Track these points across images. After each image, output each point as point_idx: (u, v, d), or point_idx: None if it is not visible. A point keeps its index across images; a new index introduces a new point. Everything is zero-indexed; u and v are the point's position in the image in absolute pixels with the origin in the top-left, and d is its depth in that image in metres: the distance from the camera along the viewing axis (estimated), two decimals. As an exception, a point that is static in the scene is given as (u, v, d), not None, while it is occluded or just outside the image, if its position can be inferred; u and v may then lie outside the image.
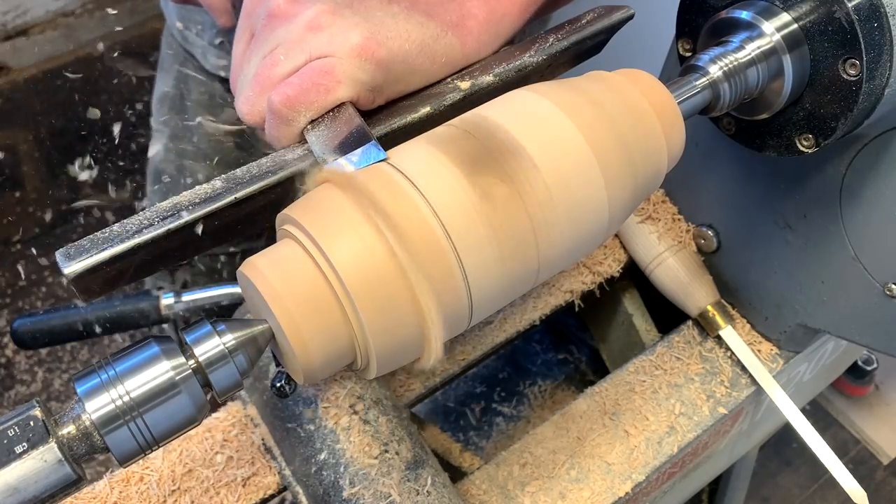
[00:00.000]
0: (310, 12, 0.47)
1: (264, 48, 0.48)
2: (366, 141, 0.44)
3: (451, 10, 0.51)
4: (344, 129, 0.45)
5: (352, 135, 0.45)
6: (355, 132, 0.45)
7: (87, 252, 0.40)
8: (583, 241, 0.45)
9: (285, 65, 0.47)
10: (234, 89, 0.51)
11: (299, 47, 0.47)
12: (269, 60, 0.47)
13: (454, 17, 0.51)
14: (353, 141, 0.44)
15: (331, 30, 0.47)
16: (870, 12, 0.46)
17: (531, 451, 0.67)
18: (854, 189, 0.58)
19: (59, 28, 2.48)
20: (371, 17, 0.48)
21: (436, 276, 0.40)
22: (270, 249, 0.42)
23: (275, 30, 0.48)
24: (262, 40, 0.49)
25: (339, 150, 0.45)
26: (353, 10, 0.48)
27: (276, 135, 0.47)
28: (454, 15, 0.51)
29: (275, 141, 0.48)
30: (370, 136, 0.44)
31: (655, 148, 0.47)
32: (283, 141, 0.47)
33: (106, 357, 0.39)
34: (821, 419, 1.91)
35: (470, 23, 0.52)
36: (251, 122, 0.49)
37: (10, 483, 0.35)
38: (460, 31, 0.51)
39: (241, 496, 0.61)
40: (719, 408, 0.70)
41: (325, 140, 0.45)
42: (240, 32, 0.53)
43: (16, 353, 1.92)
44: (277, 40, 0.48)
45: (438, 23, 0.50)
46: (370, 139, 0.44)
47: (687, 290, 0.73)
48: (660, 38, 0.73)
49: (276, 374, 0.48)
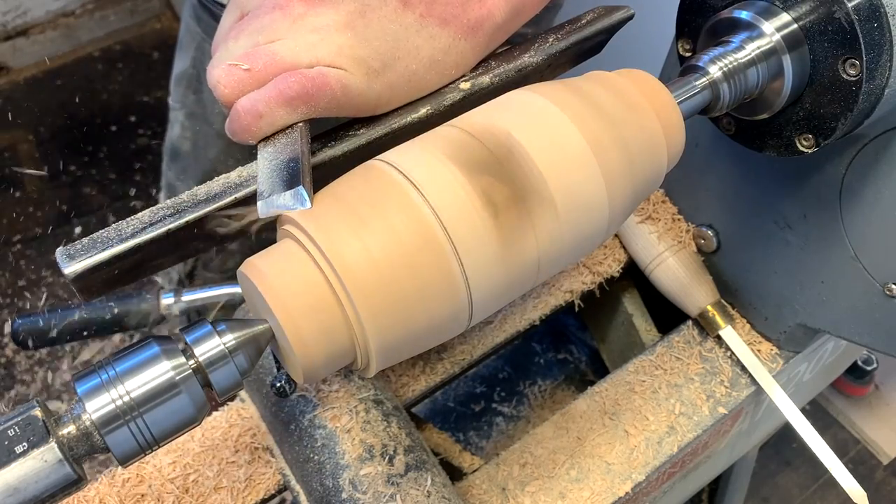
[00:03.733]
0: (322, 19, 0.46)
1: (259, 35, 0.47)
2: (296, 184, 0.42)
3: (471, 10, 0.50)
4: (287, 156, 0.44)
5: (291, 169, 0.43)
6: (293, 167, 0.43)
7: (87, 252, 0.40)
8: (583, 241, 0.45)
9: (285, 60, 0.46)
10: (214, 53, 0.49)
11: (305, 50, 0.46)
12: (269, 49, 0.46)
13: (472, 20, 0.50)
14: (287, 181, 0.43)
15: (340, 43, 0.46)
16: (870, 12, 0.46)
17: (531, 451, 0.67)
18: (854, 189, 0.58)
19: (59, 28, 2.49)
20: (383, 31, 0.47)
21: (435, 277, 0.40)
22: (270, 249, 0.42)
23: (277, 21, 0.47)
24: (260, 26, 0.47)
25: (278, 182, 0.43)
26: (366, 23, 0.47)
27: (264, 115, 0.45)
28: (473, 17, 0.50)
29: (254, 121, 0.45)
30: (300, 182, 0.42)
31: (655, 148, 0.47)
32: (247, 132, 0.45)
33: (106, 357, 0.39)
34: (821, 419, 1.91)
35: (487, 24, 0.51)
36: (225, 94, 0.46)
37: (11, 483, 0.35)
38: (474, 36, 0.50)
39: (241, 496, 0.61)
40: (719, 408, 0.70)
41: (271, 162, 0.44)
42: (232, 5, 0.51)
43: (16, 353, 1.92)
44: (280, 34, 0.47)
45: (453, 29, 0.49)
46: (299, 184, 0.42)
47: (687, 290, 0.73)
48: (660, 38, 0.73)
49: (276, 374, 0.48)
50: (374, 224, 0.40)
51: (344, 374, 0.60)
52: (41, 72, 2.46)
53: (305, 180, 0.42)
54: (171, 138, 1.04)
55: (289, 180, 0.42)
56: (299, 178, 0.42)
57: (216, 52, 0.50)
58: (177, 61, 1.02)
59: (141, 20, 2.56)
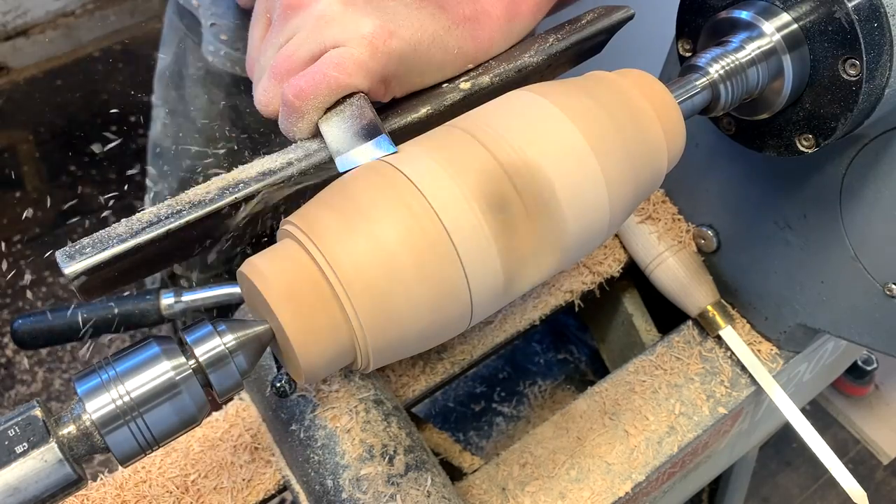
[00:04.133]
0: (323, 3, 0.48)
1: (279, 38, 0.49)
2: (377, 134, 0.45)
3: (465, 4, 0.51)
4: (356, 122, 0.46)
5: (364, 128, 0.46)
6: (367, 125, 0.46)
7: (87, 252, 0.40)
8: (583, 241, 0.45)
9: (299, 56, 0.47)
10: (251, 76, 0.52)
11: (312, 38, 0.47)
12: (284, 52, 0.48)
13: (468, 12, 0.51)
14: (366, 133, 0.45)
15: (343, 20, 0.47)
16: (870, 12, 0.46)
17: (531, 451, 0.67)
18: (854, 189, 0.58)
19: (59, 28, 2.49)
20: (383, 7, 0.48)
21: (436, 276, 0.40)
22: (270, 249, 0.42)
23: (289, 20, 0.49)
24: (277, 31, 0.50)
25: (352, 141, 0.46)
26: (366, 1, 0.48)
27: (289, 127, 0.48)
28: (468, 9, 0.51)
29: (289, 133, 0.48)
30: (381, 130, 0.45)
31: (655, 148, 0.47)
32: (297, 133, 0.48)
33: (106, 357, 0.39)
34: (821, 419, 1.91)
35: (483, 18, 0.52)
36: (268, 114, 0.49)
37: (11, 483, 0.35)
38: (473, 26, 0.52)
39: (241, 496, 0.61)
40: (719, 408, 0.70)
41: (338, 132, 0.46)
42: (256, 18, 0.54)
43: (16, 353, 1.92)
44: (292, 31, 0.48)
45: (451, 15, 0.51)
46: (381, 132, 0.45)
47: (687, 290, 0.73)
48: (660, 38, 0.73)
49: (276, 374, 0.48)
50: (374, 224, 0.40)
51: (344, 374, 0.60)
52: (41, 72, 2.46)
53: (385, 132, 0.45)
54: (152, 136, 1.04)
55: (366, 134, 0.45)
56: (378, 129, 0.45)
57: (251, 70, 0.52)
58: (160, 58, 1.01)
59: (141, 20, 2.56)
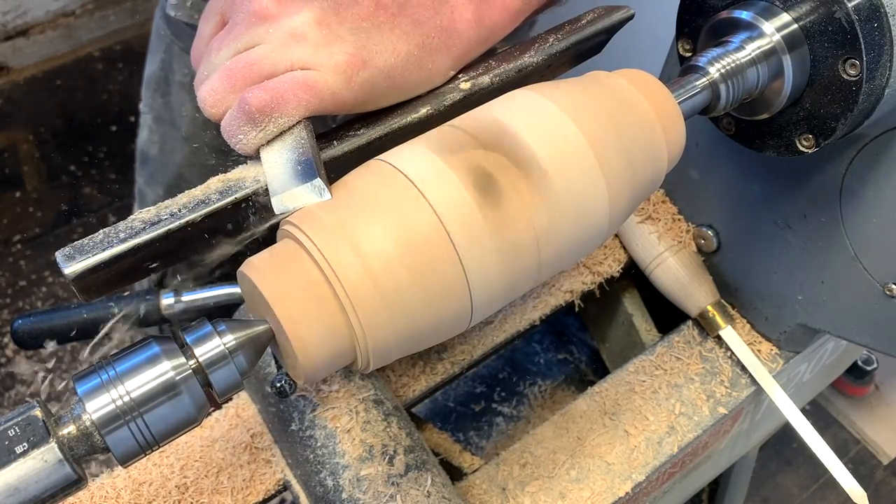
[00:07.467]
0: (296, 19, 0.46)
1: (238, 43, 0.47)
2: (313, 177, 0.43)
3: (443, 13, 0.50)
4: (295, 154, 0.44)
5: (302, 165, 0.44)
6: (305, 164, 0.44)
7: (87, 252, 0.40)
8: (583, 241, 0.45)
9: (260, 67, 0.45)
10: (196, 67, 0.49)
11: (279, 53, 0.45)
12: (245, 58, 0.46)
13: (444, 22, 0.49)
14: (303, 173, 0.43)
15: (315, 42, 0.46)
16: (870, 12, 0.46)
17: (531, 451, 0.67)
18: (854, 189, 0.58)
19: (59, 28, 2.48)
20: (357, 29, 0.47)
21: (436, 276, 0.40)
22: (270, 249, 0.42)
23: (254, 27, 0.47)
24: (238, 34, 0.47)
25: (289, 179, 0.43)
26: (340, 20, 0.46)
27: (238, 137, 0.45)
28: (444, 19, 0.50)
29: (234, 141, 0.46)
30: (317, 172, 0.43)
31: (655, 148, 0.47)
32: (244, 146, 0.46)
33: (106, 357, 0.39)
34: (821, 419, 1.91)
35: (460, 27, 0.50)
36: (212, 114, 0.47)
37: (11, 483, 0.35)
38: (448, 36, 0.50)
39: (241, 496, 0.61)
40: (719, 408, 0.70)
41: (277, 163, 0.44)
42: (209, 13, 0.51)
43: (16, 353, 1.92)
44: (255, 39, 0.46)
45: (426, 29, 0.49)
46: (317, 175, 0.43)
47: (687, 290, 0.73)
48: (660, 38, 0.73)
49: (276, 374, 0.48)
50: (373, 223, 0.40)
51: (344, 374, 0.60)
52: (41, 72, 2.45)
53: (321, 173, 0.43)
54: (139, 143, 1.03)
55: (303, 174, 0.43)
56: (314, 172, 0.43)
57: (198, 64, 0.49)
58: (147, 64, 1.01)
59: (141, 20, 2.56)
